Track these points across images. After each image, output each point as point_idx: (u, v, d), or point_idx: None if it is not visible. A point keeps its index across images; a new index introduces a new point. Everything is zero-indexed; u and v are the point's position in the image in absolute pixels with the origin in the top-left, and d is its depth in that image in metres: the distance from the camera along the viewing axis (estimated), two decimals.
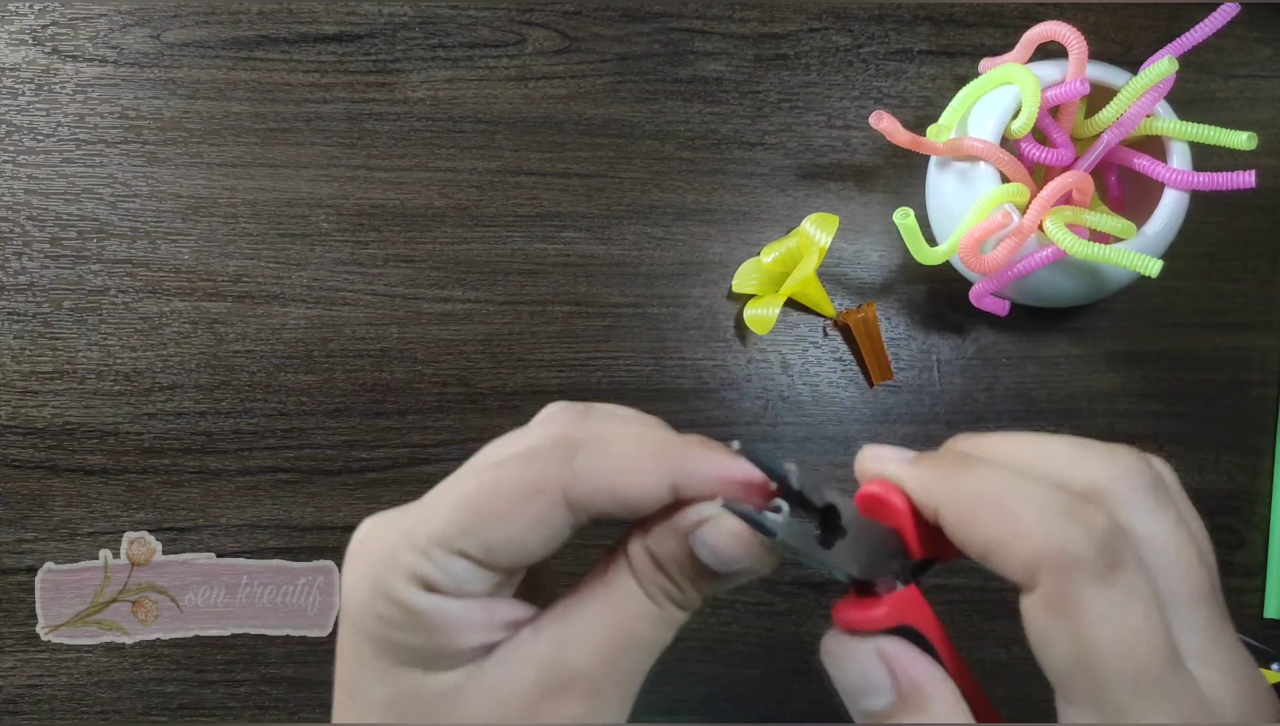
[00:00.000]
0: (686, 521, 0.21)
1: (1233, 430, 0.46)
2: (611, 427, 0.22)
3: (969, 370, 0.46)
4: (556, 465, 0.20)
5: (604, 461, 0.21)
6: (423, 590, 0.20)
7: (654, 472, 0.21)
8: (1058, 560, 0.19)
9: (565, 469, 0.20)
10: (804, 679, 0.44)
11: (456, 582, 0.20)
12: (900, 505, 0.21)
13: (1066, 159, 0.41)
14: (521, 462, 0.21)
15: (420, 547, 0.20)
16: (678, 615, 0.22)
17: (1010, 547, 0.19)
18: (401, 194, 0.45)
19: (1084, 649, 0.18)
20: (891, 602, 0.21)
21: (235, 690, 0.43)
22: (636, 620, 0.21)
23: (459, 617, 0.21)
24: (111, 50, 0.44)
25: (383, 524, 0.21)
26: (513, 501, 0.20)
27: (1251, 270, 0.47)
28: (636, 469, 0.21)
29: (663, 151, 0.46)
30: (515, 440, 0.22)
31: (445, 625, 0.20)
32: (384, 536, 0.21)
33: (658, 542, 0.21)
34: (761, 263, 0.44)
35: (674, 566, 0.21)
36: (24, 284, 0.44)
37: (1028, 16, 0.46)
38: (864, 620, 0.21)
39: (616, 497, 0.20)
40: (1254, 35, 0.47)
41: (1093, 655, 0.18)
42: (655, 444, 0.21)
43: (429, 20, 0.45)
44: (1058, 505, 0.19)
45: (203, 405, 0.44)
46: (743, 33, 0.46)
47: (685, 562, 0.21)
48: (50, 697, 0.43)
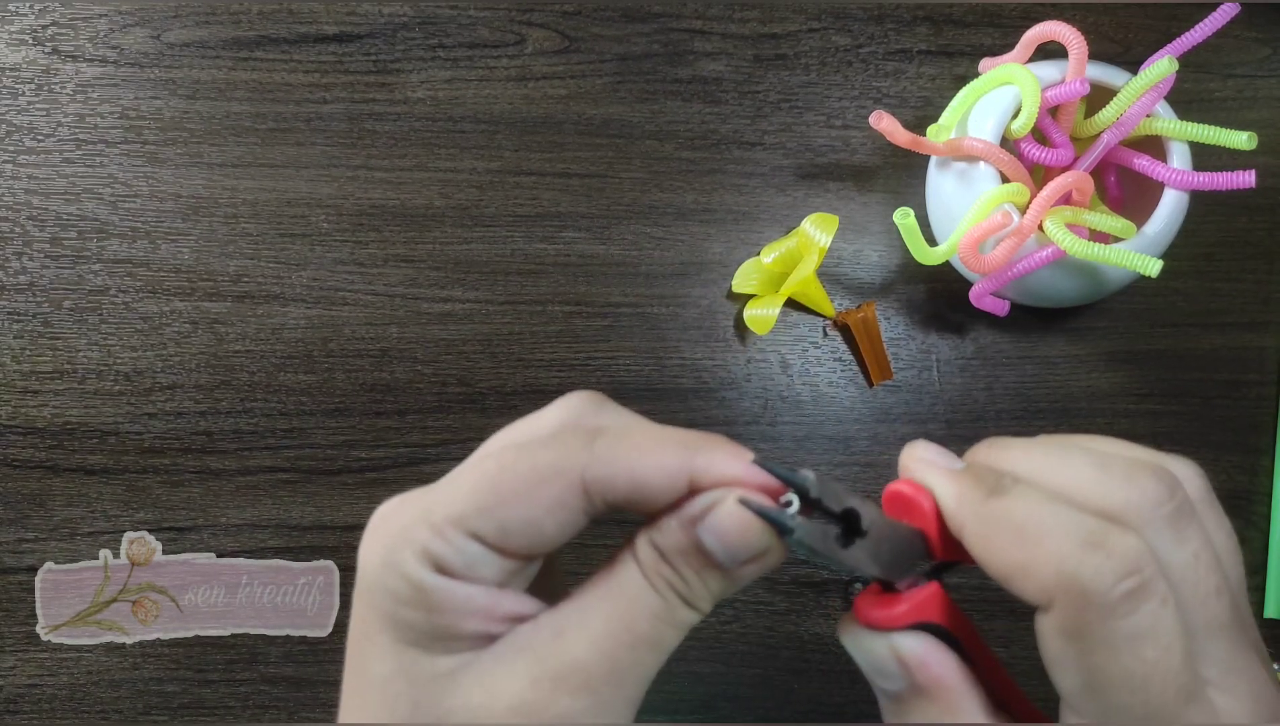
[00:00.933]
0: (694, 509, 0.21)
1: (1231, 430, 0.46)
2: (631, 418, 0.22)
3: (968, 370, 0.46)
4: (577, 448, 0.20)
5: (625, 447, 0.20)
6: (432, 569, 0.20)
7: (674, 461, 0.20)
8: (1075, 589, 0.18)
9: (586, 452, 0.20)
10: (804, 679, 0.44)
11: (467, 563, 0.20)
12: (927, 508, 0.22)
13: (1066, 159, 0.41)
14: (541, 445, 0.21)
15: (435, 525, 0.20)
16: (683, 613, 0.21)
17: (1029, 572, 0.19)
18: (401, 194, 0.45)
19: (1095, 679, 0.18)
20: (912, 599, 0.21)
21: (235, 690, 0.43)
22: (638, 614, 0.21)
23: (463, 601, 0.20)
24: (112, 50, 0.44)
25: (404, 502, 0.21)
26: (531, 483, 0.20)
27: (1250, 270, 0.47)
28: (657, 457, 0.20)
29: (662, 151, 0.46)
30: (532, 424, 0.22)
31: (449, 606, 0.20)
32: (402, 513, 0.21)
33: (663, 534, 0.21)
34: (761, 263, 0.44)
35: (679, 558, 0.21)
36: (24, 284, 0.44)
37: (1027, 16, 0.46)
38: (884, 617, 0.21)
39: (635, 485, 0.20)
40: (1252, 35, 0.47)
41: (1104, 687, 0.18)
42: (677, 435, 0.21)
43: (429, 20, 0.45)
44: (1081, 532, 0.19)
45: (203, 405, 0.44)
46: (742, 33, 0.46)
47: (691, 553, 0.21)
48: (50, 697, 0.43)
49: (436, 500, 0.21)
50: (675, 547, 0.21)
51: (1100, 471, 0.21)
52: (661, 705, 0.44)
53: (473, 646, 0.21)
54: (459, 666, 0.21)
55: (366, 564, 0.21)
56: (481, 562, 0.20)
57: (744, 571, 0.21)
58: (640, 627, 0.21)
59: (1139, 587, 0.18)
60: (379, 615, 0.21)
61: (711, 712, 0.44)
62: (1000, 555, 0.20)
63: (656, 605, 0.21)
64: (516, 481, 0.20)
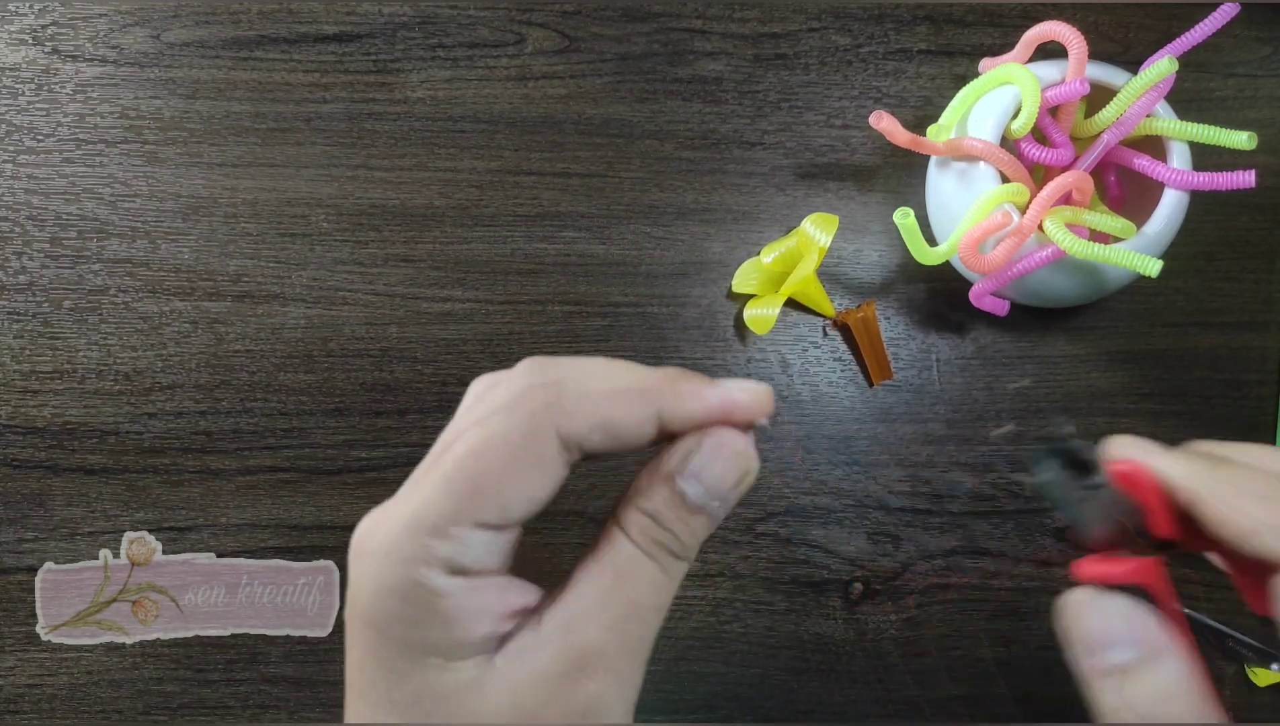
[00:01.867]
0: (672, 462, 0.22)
1: (1231, 430, 0.46)
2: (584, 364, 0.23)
3: (968, 369, 0.46)
4: (544, 406, 0.21)
5: (591, 393, 0.21)
6: (447, 573, 0.20)
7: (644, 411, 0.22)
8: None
9: (555, 408, 0.21)
10: (804, 679, 0.44)
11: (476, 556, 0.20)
12: (1150, 483, 0.24)
13: (1066, 159, 0.41)
14: (507, 413, 0.21)
15: (433, 529, 0.20)
16: (677, 568, 0.22)
17: (1274, 527, 0.22)
18: (401, 194, 0.45)
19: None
20: (1135, 563, 0.23)
21: (236, 689, 0.43)
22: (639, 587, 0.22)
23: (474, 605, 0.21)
24: (111, 50, 0.44)
25: (383, 517, 0.21)
26: (510, 452, 0.21)
27: (1250, 270, 0.47)
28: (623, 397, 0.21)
29: (662, 151, 0.46)
30: (488, 399, 0.23)
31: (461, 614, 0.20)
32: (389, 530, 0.21)
33: (650, 498, 0.22)
34: (761, 262, 0.44)
35: (669, 514, 0.22)
36: (24, 284, 0.44)
37: (1027, 16, 0.46)
38: (1108, 573, 0.23)
39: (610, 434, 0.21)
40: (1252, 34, 0.47)
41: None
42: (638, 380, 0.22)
43: (429, 20, 0.45)
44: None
45: (203, 405, 0.44)
46: (742, 32, 0.46)
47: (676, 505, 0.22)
48: (50, 697, 0.43)
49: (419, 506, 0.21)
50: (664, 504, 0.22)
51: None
52: (661, 705, 0.44)
53: (485, 649, 0.21)
54: (479, 673, 0.21)
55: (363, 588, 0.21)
56: (490, 549, 0.21)
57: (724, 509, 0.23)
58: (644, 600, 0.22)
59: None
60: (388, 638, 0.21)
61: (711, 712, 0.44)
62: (1240, 515, 0.22)
63: (653, 573, 0.22)
64: (493, 458, 0.21)
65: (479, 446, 0.21)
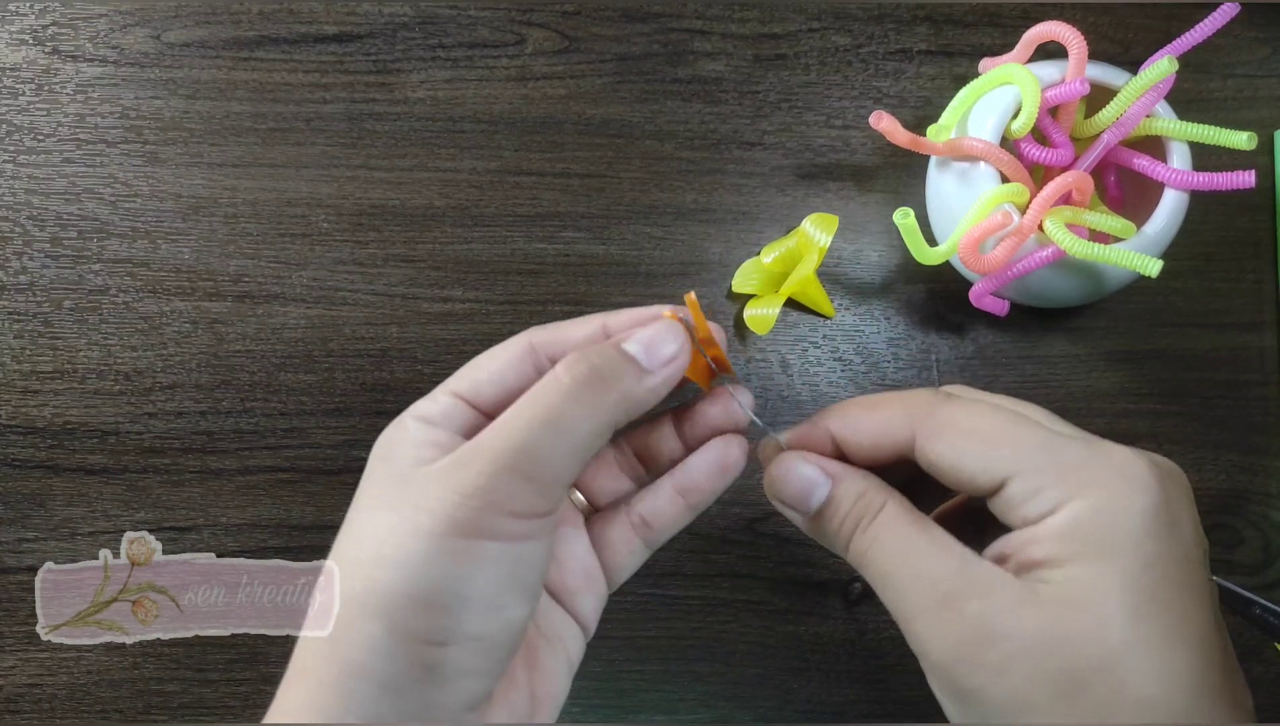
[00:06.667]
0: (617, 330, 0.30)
1: (1231, 429, 0.46)
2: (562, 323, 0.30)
3: (968, 370, 0.46)
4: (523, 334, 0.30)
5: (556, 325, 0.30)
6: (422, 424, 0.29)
7: (595, 323, 0.30)
8: None
9: (528, 333, 0.30)
10: (804, 679, 0.44)
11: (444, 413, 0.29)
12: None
13: (1066, 159, 0.41)
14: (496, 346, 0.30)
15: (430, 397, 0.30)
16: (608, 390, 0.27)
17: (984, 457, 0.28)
18: (401, 194, 0.45)
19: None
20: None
21: (235, 689, 0.43)
22: (556, 398, 0.26)
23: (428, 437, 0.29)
24: (112, 50, 0.44)
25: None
26: (493, 352, 0.30)
27: (1250, 270, 0.47)
28: (581, 324, 0.30)
29: (662, 151, 0.46)
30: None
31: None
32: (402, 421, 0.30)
33: (595, 351, 0.27)
34: (761, 262, 0.44)
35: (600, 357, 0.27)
36: (24, 284, 0.44)
37: (1027, 16, 0.46)
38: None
39: (567, 339, 0.29)
40: (1251, 34, 0.48)
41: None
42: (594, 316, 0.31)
43: (429, 20, 0.45)
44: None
45: (203, 405, 0.44)
46: (742, 33, 0.46)
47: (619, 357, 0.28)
48: (50, 697, 0.43)
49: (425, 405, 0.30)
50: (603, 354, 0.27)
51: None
52: (661, 705, 0.44)
53: (451, 447, 0.28)
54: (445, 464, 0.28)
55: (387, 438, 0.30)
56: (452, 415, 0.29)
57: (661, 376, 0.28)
58: (563, 411, 0.26)
59: None
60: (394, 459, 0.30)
61: (711, 712, 0.44)
62: (960, 447, 0.28)
63: (569, 385, 0.26)
64: (482, 357, 0.30)
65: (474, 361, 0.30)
